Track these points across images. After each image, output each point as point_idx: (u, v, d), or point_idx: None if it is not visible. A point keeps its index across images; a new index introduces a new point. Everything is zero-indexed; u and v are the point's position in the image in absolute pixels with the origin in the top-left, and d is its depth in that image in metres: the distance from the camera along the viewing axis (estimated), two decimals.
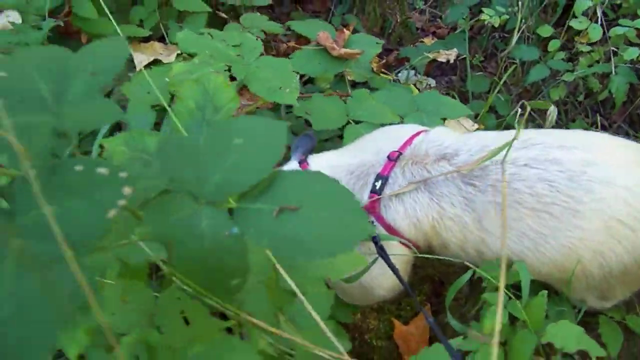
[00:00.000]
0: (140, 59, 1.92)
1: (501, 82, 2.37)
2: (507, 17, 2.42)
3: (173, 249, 0.78)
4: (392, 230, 1.50)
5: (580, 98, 2.47)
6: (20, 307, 0.55)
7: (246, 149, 0.85)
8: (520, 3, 2.43)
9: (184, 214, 0.80)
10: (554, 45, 2.41)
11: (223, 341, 1.12)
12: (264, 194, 0.83)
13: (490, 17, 2.38)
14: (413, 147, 1.55)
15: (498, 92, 2.39)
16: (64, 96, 0.79)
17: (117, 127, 1.95)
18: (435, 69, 2.78)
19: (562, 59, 2.41)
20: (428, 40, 2.76)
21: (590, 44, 2.35)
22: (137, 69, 1.92)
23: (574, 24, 2.24)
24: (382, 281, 1.54)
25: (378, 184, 1.49)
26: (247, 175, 0.83)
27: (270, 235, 0.79)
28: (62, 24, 1.79)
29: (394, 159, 1.53)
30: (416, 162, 1.51)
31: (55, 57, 0.85)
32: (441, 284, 1.80)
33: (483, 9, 2.44)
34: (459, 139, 1.56)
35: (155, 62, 1.96)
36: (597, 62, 2.33)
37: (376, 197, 1.48)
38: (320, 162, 1.60)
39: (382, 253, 1.36)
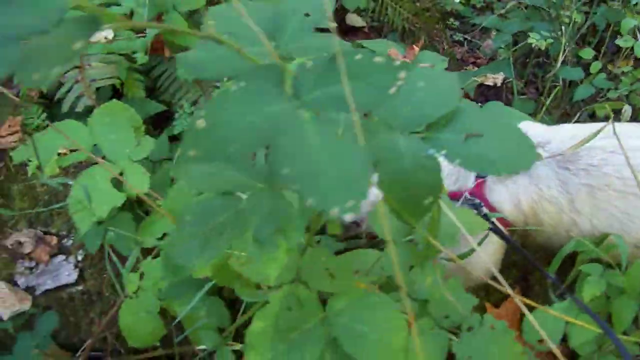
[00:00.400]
0: None
1: (547, 103, 2.52)
2: (552, 40, 2.59)
3: (379, 167, 0.88)
4: (494, 212, 1.60)
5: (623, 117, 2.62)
6: (329, 156, 0.64)
7: (428, 90, 0.97)
8: (563, 28, 2.60)
9: (384, 138, 0.90)
10: (595, 67, 2.57)
11: (365, 297, 1.20)
12: (448, 125, 0.94)
13: (536, 40, 2.55)
14: None
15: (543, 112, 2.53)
16: (281, 34, 0.91)
17: None
18: (479, 95, 2.93)
19: (604, 79, 2.57)
20: (471, 69, 2.92)
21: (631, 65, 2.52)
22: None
23: (620, 42, 2.41)
24: (482, 262, 1.63)
25: None
26: (432, 110, 0.95)
27: (461, 155, 0.90)
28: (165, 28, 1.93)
29: None
30: None
31: (263, 5, 0.97)
32: (525, 269, 1.89)
33: (529, 33, 2.61)
34: (546, 130, 1.69)
35: None
36: (638, 80, 2.49)
37: (480, 180, 1.60)
38: None
39: (496, 228, 1.46)
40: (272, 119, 0.67)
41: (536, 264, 1.41)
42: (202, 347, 1.58)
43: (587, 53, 2.60)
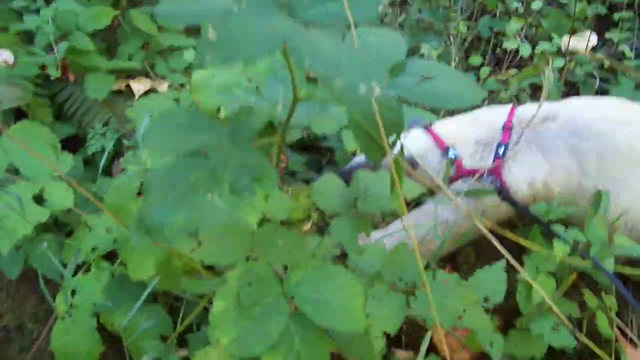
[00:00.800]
0: (138, 87, 2.04)
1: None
2: (442, 50, 2.75)
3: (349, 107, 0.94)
4: (506, 187, 1.75)
5: None
6: (342, 52, 0.69)
7: (379, 43, 1.03)
8: (451, 39, 2.78)
9: None
10: (484, 72, 2.76)
11: (321, 268, 1.21)
12: (400, 73, 1.00)
13: (428, 50, 2.70)
14: (519, 117, 1.81)
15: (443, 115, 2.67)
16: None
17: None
18: None
19: (494, 82, 2.76)
20: None
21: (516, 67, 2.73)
22: (137, 96, 2.03)
23: (507, 44, 2.60)
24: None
25: (501, 150, 1.75)
26: (386, 58, 1.01)
27: (417, 94, 0.97)
28: (75, 46, 1.88)
29: (508, 128, 1.78)
30: (526, 126, 1.74)
31: None
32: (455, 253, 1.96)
33: (422, 44, 2.76)
34: (551, 105, 1.81)
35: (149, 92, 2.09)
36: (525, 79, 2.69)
37: (499, 161, 1.74)
38: (448, 128, 1.89)
39: (507, 195, 1.69)
40: (281, 30, 0.72)
41: (543, 222, 1.57)
42: (145, 357, 1.51)
43: (476, 60, 2.79)
